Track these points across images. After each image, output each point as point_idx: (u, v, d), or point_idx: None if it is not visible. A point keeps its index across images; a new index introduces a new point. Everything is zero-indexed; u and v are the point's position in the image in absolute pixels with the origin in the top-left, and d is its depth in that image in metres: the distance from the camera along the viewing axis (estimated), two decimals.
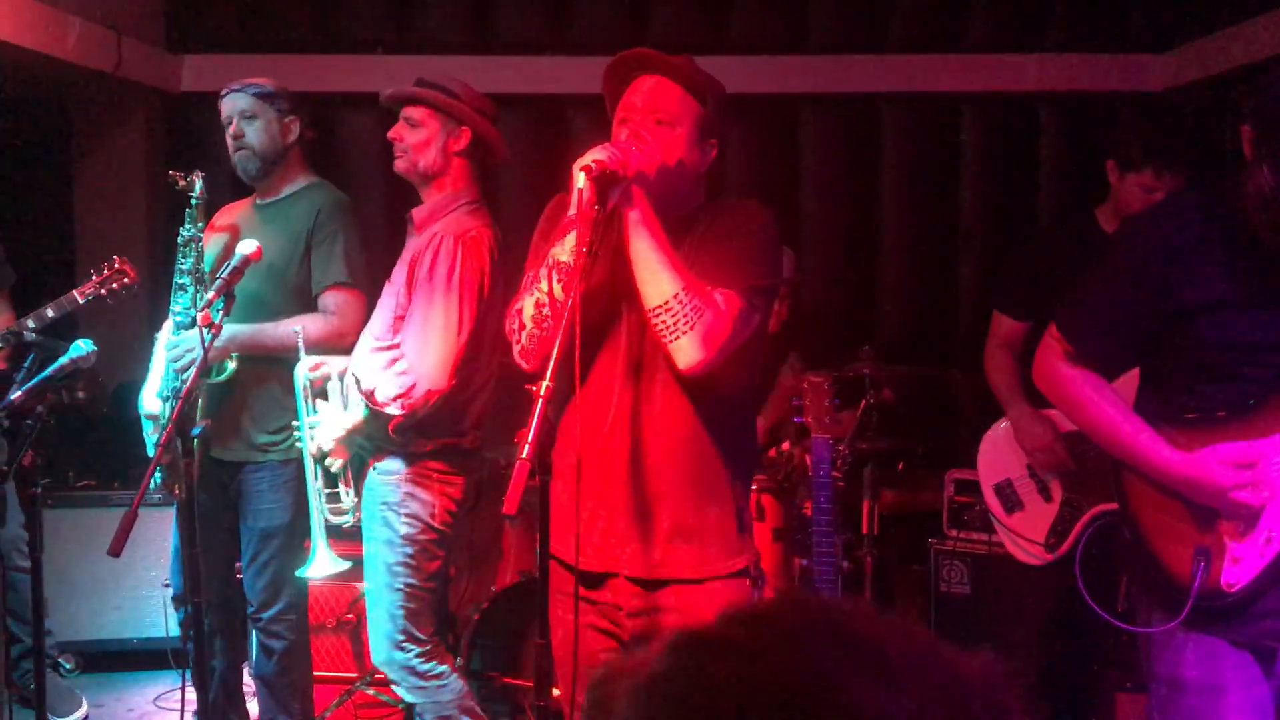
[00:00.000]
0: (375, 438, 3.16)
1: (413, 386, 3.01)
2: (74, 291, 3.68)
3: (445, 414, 3.11)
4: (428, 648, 3.14)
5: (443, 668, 3.17)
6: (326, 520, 3.30)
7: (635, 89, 2.32)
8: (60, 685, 4.23)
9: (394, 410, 3.03)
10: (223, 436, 3.41)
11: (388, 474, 3.15)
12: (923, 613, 4.25)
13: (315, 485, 3.27)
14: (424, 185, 3.22)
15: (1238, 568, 2.13)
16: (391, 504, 3.13)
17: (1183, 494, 2.19)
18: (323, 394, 3.29)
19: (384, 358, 3.08)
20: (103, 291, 3.65)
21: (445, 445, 3.17)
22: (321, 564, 3.27)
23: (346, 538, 4.51)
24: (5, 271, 4.14)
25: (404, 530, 3.12)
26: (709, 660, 0.70)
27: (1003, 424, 3.59)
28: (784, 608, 0.72)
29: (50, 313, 3.72)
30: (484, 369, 3.20)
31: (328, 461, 3.23)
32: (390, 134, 3.22)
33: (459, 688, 3.19)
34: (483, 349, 3.15)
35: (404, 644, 3.12)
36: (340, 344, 3.38)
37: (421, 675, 3.13)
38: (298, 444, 3.39)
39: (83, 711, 4.21)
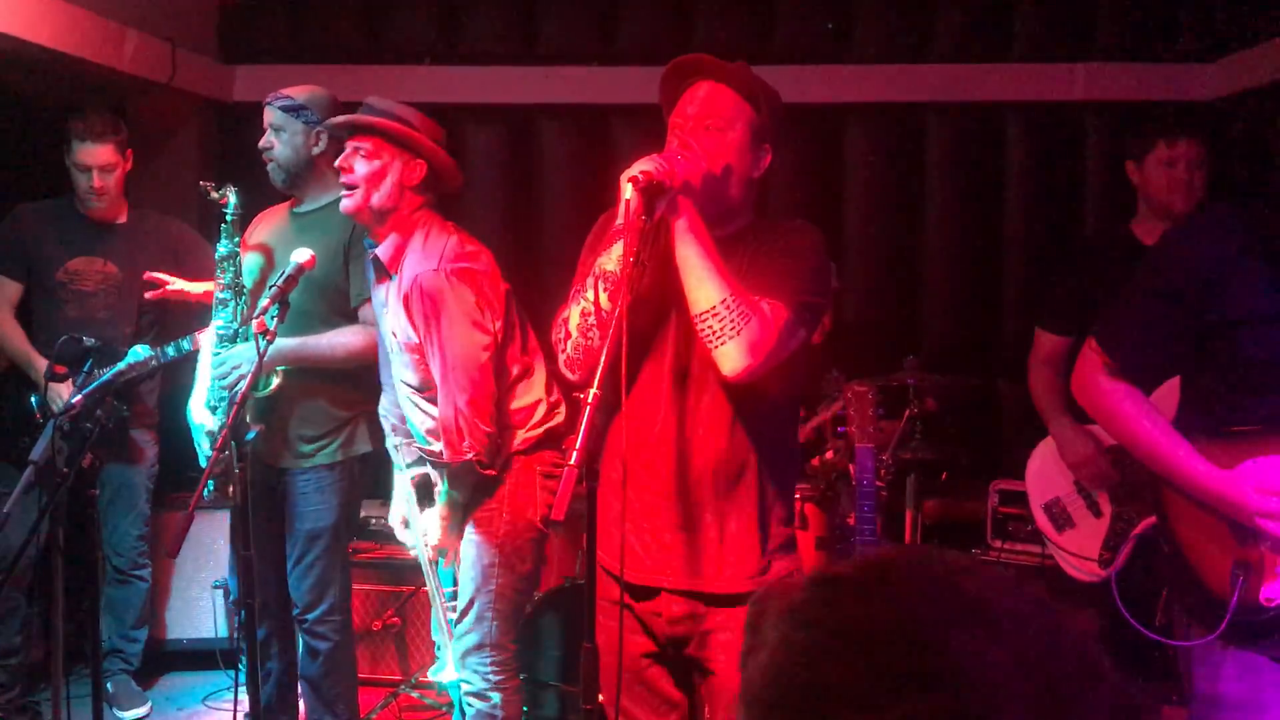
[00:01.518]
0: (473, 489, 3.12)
1: (464, 435, 2.96)
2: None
3: (507, 421, 3.10)
4: (500, 657, 3.14)
5: (507, 685, 3.15)
6: (446, 614, 3.27)
7: (689, 96, 2.34)
8: (133, 688, 4.34)
9: (469, 457, 2.99)
10: (270, 444, 3.45)
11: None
12: None
13: (436, 586, 3.28)
14: (379, 223, 3.07)
15: (1278, 583, 2.12)
16: (493, 504, 3.12)
17: (1218, 510, 2.18)
18: (429, 495, 3.24)
19: (431, 416, 3.07)
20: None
21: (539, 437, 3.15)
22: (450, 670, 3.26)
23: (373, 538, 4.58)
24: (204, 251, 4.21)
25: (514, 525, 3.11)
26: (840, 596, 0.83)
27: (1047, 442, 3.57)
28: (910, 558, 0.85)
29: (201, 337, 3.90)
30: (521, 350, 3.16)
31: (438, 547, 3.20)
32: (339, 163, 3.07)
33: (509, 716, 3.17)
34: (513, 340, 3.12)
35: (479, 645, 3.11)
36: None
37: (492, 686, 3.12)
38: (341, 449, 3.48)
39: (145, 710, 4.30)
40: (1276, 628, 2.13)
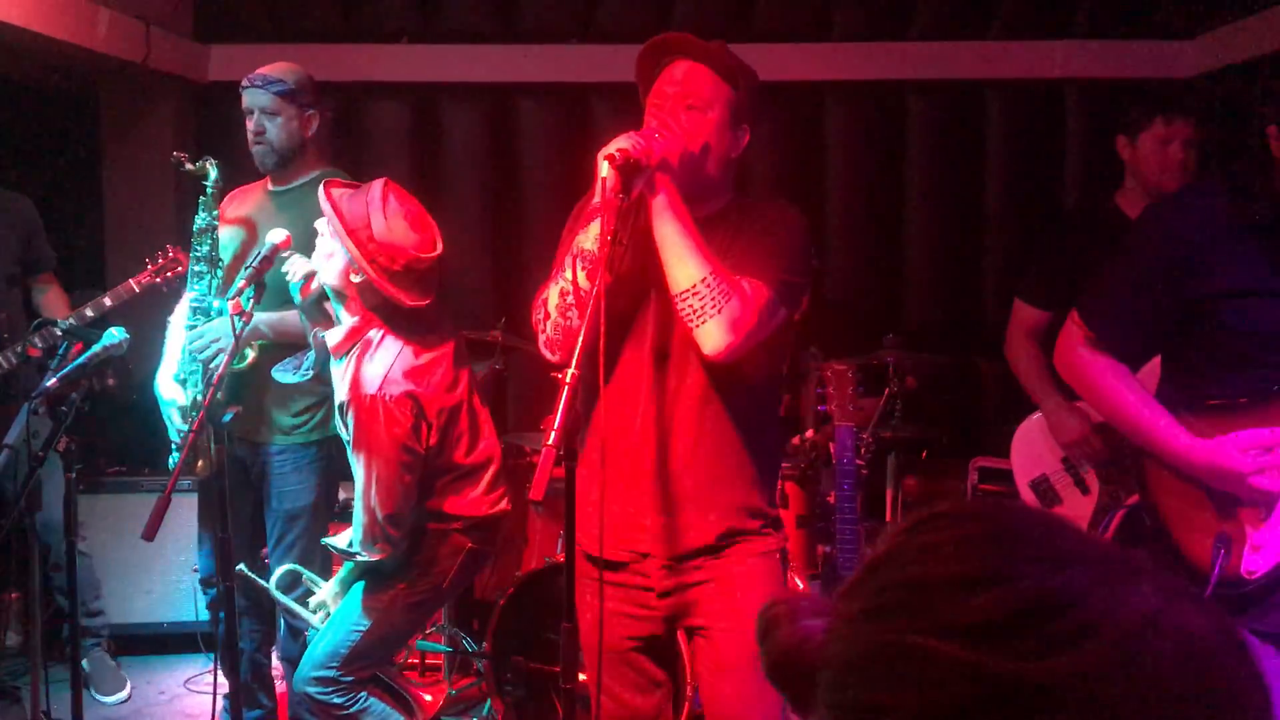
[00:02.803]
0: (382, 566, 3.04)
1: (375, 541, 2.92)
2: (130, 280, 3.74)
3: (443, 514, 3.03)
4: (344, 687, 3.01)
5: (358, 697, 3.02)
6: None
7: (667, 75, 2.32)
8: (109, 666, 4.31)
9: (376, 558, 2.96)
10: (246, 419, 3.41)
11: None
12: None
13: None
14: (339, 300, 2.98)
15: (1258, 555, 2.13)
16: (415, 557, 3.04)
17: (1203, 481, 2.19)
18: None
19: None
20: (158, 280, 3.69)
21: (480, 522, 3.07)
22: None
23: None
24: (47, 253, 4.20)
25: (415, 583, 3.03)
26: (930, 527, 0.76)
27: (1032, 419, 3.56)
28: (984, 504, 0.79)
29: (108, 301, 3.78)
30: (466, 452, 3.06)
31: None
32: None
33: (379, 711, 3.06)
34: (457, 446, 3.03)
35: (324, 679, 2.98)
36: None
37: (335, 709, 3.00)
38: (320, 427, 3.46)
39: (125, 693, 4.28)
40: (1258, 601, 2.14)
